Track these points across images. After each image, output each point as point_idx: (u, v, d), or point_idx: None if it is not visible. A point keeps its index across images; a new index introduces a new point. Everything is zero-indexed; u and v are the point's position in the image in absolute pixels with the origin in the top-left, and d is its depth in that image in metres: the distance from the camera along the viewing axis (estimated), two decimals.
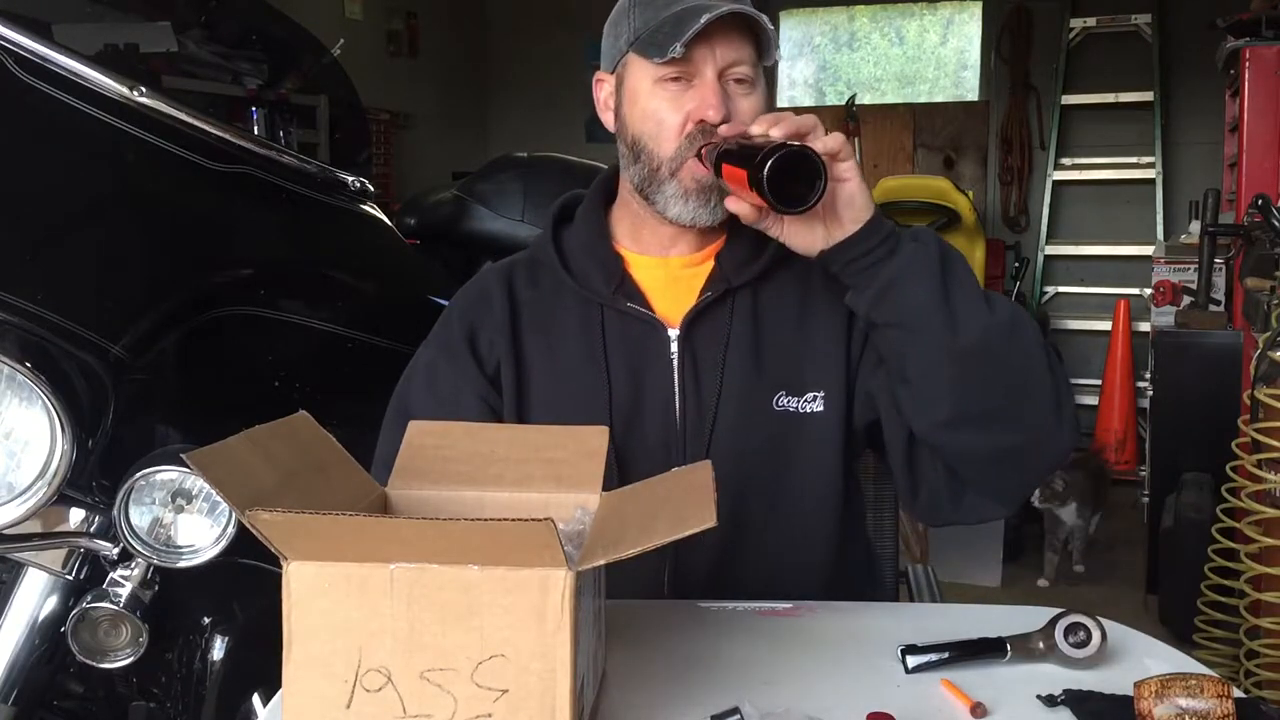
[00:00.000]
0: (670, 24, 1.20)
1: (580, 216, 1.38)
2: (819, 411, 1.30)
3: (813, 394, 1.30)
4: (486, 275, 1.39)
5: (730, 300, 1.31)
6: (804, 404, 1.30)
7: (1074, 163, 6.04)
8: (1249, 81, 3.38)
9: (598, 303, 1.31)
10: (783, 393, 1.30)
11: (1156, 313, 3.95)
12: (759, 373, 1.30)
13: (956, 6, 6.56)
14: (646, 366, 1.30)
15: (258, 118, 2.51)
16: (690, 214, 1.26)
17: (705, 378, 1.30)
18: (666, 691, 0.95)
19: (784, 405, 1.30)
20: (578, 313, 1.32)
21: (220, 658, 1.56)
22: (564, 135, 6.61)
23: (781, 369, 1.31)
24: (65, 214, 1.67)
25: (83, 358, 1.49)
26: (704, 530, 0.78)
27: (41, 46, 1.71)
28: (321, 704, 0.78)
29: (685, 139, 1.23)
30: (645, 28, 1.23)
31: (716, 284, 1.31)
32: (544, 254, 1.35)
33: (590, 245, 1.34)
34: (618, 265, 1.33)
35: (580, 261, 1.34)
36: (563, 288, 1.33)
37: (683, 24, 1.18)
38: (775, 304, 1.33)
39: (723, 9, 1.18)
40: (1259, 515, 2.48)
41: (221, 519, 1.46)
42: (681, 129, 1.23)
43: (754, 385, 1.30)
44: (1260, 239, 2.90)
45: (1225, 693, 0.85)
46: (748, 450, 1.27)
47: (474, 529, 0.76)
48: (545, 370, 1.31)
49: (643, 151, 1.26)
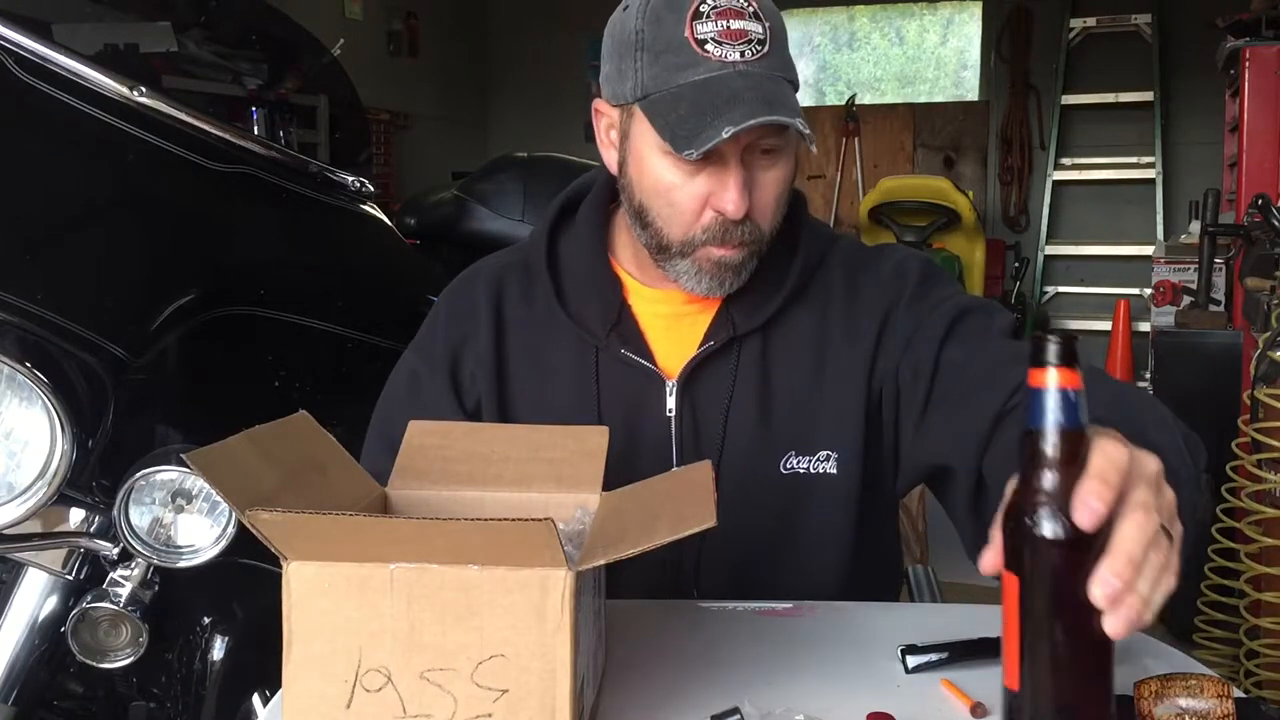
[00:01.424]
0: (689, 105, 1.06)
1: (581, 226, 1.26)
2: (831, 474, 1.19)
3: (825, 453, 1.19)
4: (476, 282, 1.29)
5: (737, 348, 1.20)
6: (815, 464, 1.19)
7: (1074, 163, 6.05)
8: (1249, 81, 3.38)
9: (593, 344, 1.21)
10: (792, 453, 1.19)
11: (1156, 313, 3.95)
12: (766, 430, 1.19)
13: (956, 6, 6.56)
14: (642, 420, 1.20)
15: (258, 118, 2.51)
16: (705, 288, 1.15)
17: (706, 436, 1.19)
18: (666, 691, 0.95)
19: (792, 466, 1.19)
20: (571, 350, 1.22)
21: (220, 658, 1.56)
22: (564, 135, 6.63)
23: (791, 426, 1.19)
24: (65, 214, 1.67)
25: (83, 358, 1.49)
26: (705, 531, 0.78)
27: (41, 46, 1.72)
28: (321, 704, 0.78)
29: (701, 229, 1.11)
30: (656, 87, 1.08)
31: (720, 331, 1.19)
32: (538, 271, 1.25)
33: (589, 268, 1.23)
34: (617, 295, 1.22)
35: (577, 290, 1.23)
36: (555, 317, 1.23)
37: (703, 112, 1.04)
38: (787, 351, 1.21)
39: (751, 122, 1.03)
40: (1259, 515, 2.48)
41: (221, 519, 1.46)
42: (698, 214, 1.11)
43: (760, 445, 1.19)
44: (1260, 239, 2.90)
45: (1225, 693, 0.85)
46: (749, 519, 1.17)
47: (474, 529, 0.76)
48: (534, 409, 1.22)
49: (649, 220, 1.14)
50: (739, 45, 1.07)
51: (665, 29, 1.08)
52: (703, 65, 1.07)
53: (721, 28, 1.07)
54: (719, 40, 1.07)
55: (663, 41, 1.08)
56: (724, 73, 1.06)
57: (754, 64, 1.07)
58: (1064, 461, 0.76)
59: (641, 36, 1.09)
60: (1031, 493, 0.77)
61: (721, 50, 1.06)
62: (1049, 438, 0.76)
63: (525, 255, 1.29)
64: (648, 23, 1.09)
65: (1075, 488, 0.74)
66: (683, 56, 1.07)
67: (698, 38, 1.07)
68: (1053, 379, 0.76)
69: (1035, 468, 0.77)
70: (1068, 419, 0.76)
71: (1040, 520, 0.76)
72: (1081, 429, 0.76)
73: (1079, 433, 0.76)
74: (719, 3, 1.07)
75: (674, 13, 1.08)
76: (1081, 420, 0.76)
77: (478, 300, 1.26)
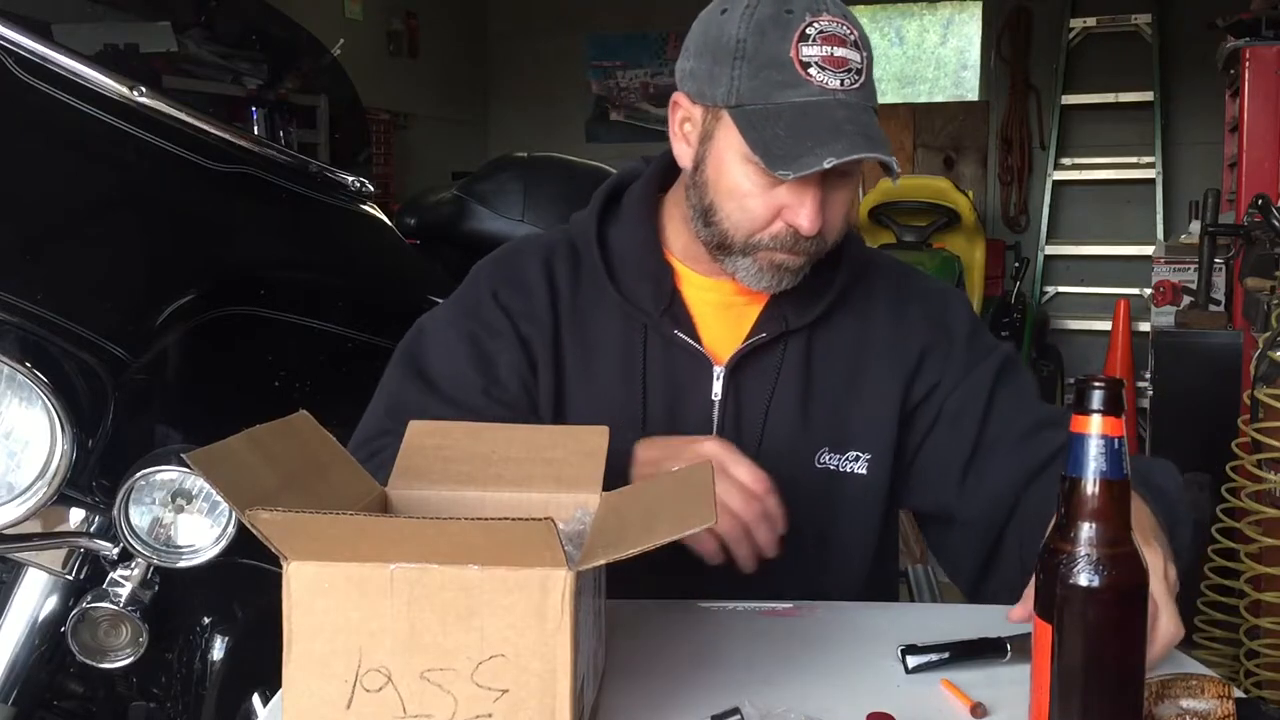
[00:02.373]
0: (786, 126, 1.08)
1: (629, 212, 1.28)
2: (860, 474, 1.24)
3: (855, 454, 1.24)
4: (523, 258, 1.29)
5: (784, 343, 1.24)
6: (845, 463, 1.24)
7: (1074, 163, 6.04)
8: (1249, 81, 3.38)
9: (642, 321, 1.24)
10: (826, 449, 1.24)
11: (1156, 313, 3.95)
12: (804, 426, 1.24)
13: (956, 6, 6.56)
14: (686, 401, 1.23)
15: (258, 118, 2.51)
16: (763, 285, 1.19)
17: (747, 422, 1.23)
18: (666, 691, 0.95)
19: (825, 463, 1.24)
20: (620, 327, 1.24)
21: (220, 658, 1.56)
22: (564, 135, 6.63)
23: (827, 423, 1.24)
24: (65, 214, 1.67)
25: (83, 358, 1.49)
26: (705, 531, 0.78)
27: (41, 46, 1.72)
28: (321, 704, 0.78)
29: (769, 236, 1.15)
30: (753, 99, 1.11)
31: (772, 323, 1.23)
32: (587, 250, 1.26)
33: (640, 254, 1.25)
34: (668, 280, 1.24)
35: (628, 271, 1.25)
36: (605, 295, 1.25)
37: (802, 136, 1.07)
38: (829, 353, 1.25)
39: (853, 156, 1.06)
40: (1259, 515, 2.48)
41: (221, 519, 1.46)
42: (768, 221, 1.14)
43: (797, 438, 1.23)
44: (1260, 239, 2.90)
45: (1225, 693, 0.85)
46: (785, 505, 1.18)
47: (474, 529, 0.76)
48: (581, 384, 1.24)
49: (716, 220, 1.17)
50: (840, 73, 1.10)
51: (769, 44, 1.10)
52: (804, 88, 1.09)
53: (826, 53, 1.09)
54: (822, 66, 1.09)
55: (765, 56, 1.10)
56: (824, 99, 1.09)
57: (852, 93, 1.10)
58: (1104, 511, 0.76)
59: (743, 46, 1.11)
60: (1070, 543, 0.76)
61: (824, 76, 1.09)
62: (1090, 487, 0.76)
63: (569, 237, 1.30)
64: (751, 34, 1.10)
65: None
66: (785, 75, 1.09)
67: (802, 59, 1.09)
68: (1096, 426, 0.75)
69: (1075, 517, 0.76)
70: (1110, 468, 0.75)
71: (1078, 571, 0.76)
72: (1124, 478, 0.76)
73: (1121, 482, 0.76)
74: (825, 28, 1.10)
75: (780, 29, 1.10)
76: (1124, 469, 0.76)
77: (529, 271, 1.27)
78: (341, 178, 2.11)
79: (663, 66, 6.78)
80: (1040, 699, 0.78)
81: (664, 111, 1.25)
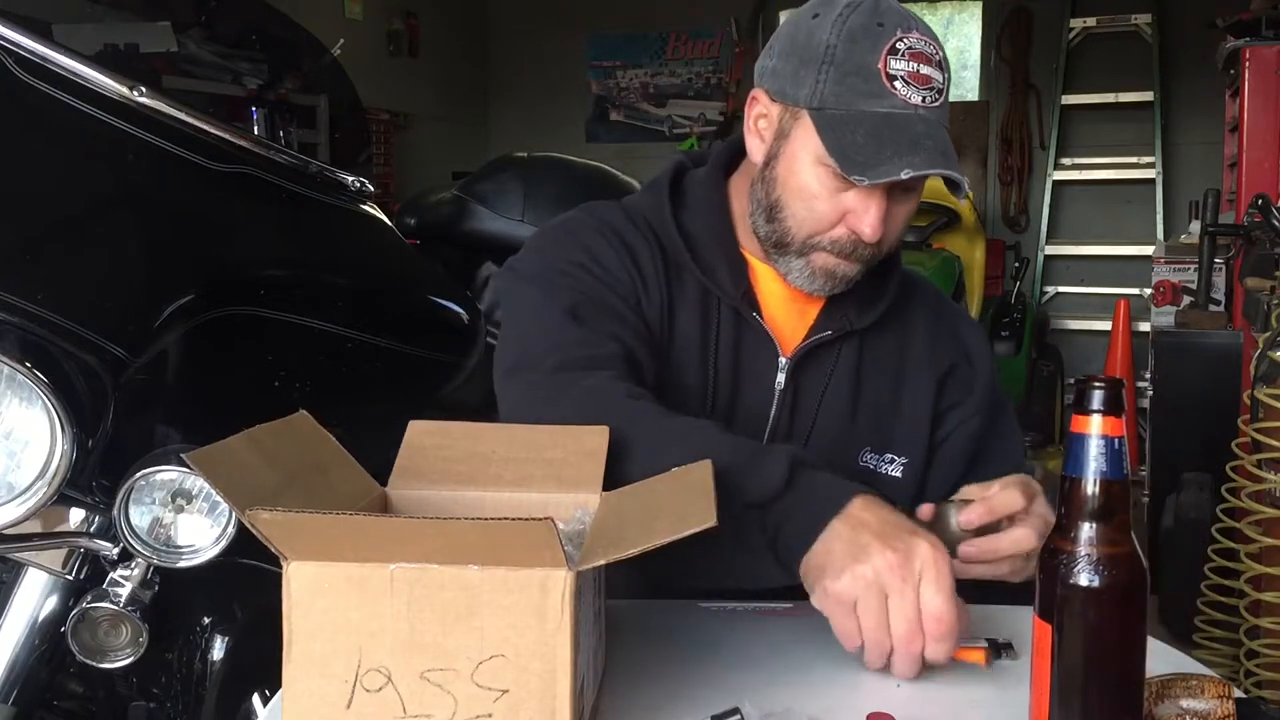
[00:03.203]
0: (866, 134, 1.11)
1: (700, 201, 1.29)
2: (896, 477, 1.28)
3: (892, 457, 1.29)
4: (614, 216, 1.27)
5: (841, 342, 1.28)
6: (884, 465, 1.28)
7: (1074, 163, 6.04)
8: (1249, 81, 3.38)
9: (716, 299, 1.26)
10: (869, 449, 1.29)
11: (1156, 313, 3.95)
12: (851, 423, 1.28)
13: (956, 6, 6.56)
14: (751, 383, 1.26)
15: (258, 118, 2.51)
16: (813, 287, 1.22)
17: (801, 415, 1.27)
18: (666, 691, 0.95)
19: (866, 462, 1.28)
20: (696, 302, 1.26)
21: (220, 658, 1.56)
22: (564, 135, 6.63)
23: (872, 426, 1.29)
24: (65, 214, 1.67)
25: (83, 358, 1.49)
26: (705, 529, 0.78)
27: (41, 46, 1.71)
28: (321, 704, 0.78)
29: (829, 239, 1.18)
30: (836, 104, 1.14)
31: (838, 320, 1.27)
32: (664, 230, 1.26)
33: (715, 238, 1.27)
34: (743, 266, 1.27)
35: (705, 251, 1.26)
36: (685, 272, 1.26)
37: (881, 145, 1.10)
38: (877, 355, 1.30)
39: (930, 170, 1.10)
40: (1259, 515, 2.48)
41: (221, 519, 1.46)
42: (832, 224, 1.17)
43: (845, 435, 1.28)
44: (1260, 239, 2.90)
45: (1226, 693, 0.85)
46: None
47: (474, 529, 0.76)
48: (659, 355, 1.24)
49: (780, 217, 1.20)
50: (923, 90, 1.13)
51: (859, 53, 1.13)
52: (888, 99, 1.13)
53: (912, 69, 1.13)
54: (908, 80, 1.13)
55: (854, 64, 1.13)
56: (907, 113, 1.13)
57: (931, 110, 1.14)
58: (1104, 511, 0.76)
59: (832, 51, 1.14)
60: (1070, 543, 0.76)
61: (908, 91, 1.13)
62: (1090, 487, 0.76)
63: (641, 211, 1.29)
64: (842, 41, 1.14)
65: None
66: (871, 85, 1.13)
67: (890, 72, 1.12)
68: (1096, 426, 0.75)
69: (1075, 517, 0.76)
70: (1110, 468, 0.75)
71: (1078, 571, 0.76)
72: (1124, 478, 0.76)
73: (1121, 482, 0.76)
74: (914, 45, 1.13)
75: (870, 40, 1.13)
76: (1124, 470, 0.76)
77: (625, 231, 1.26)
78: (341, 178, 2.11)
79: (662, 66, 6.78)
80: (1040, 699, 0.78)
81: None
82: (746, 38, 6.53)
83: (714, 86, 6.70)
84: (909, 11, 1.17)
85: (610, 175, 2.58)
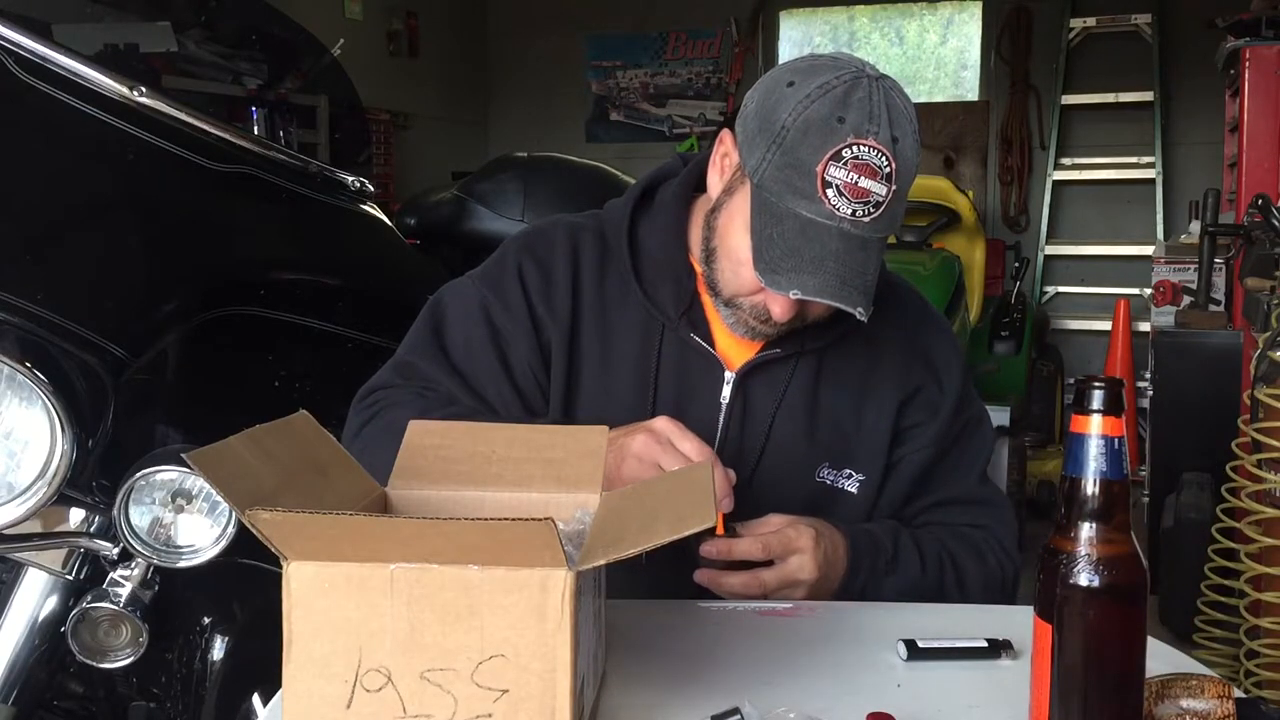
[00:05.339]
0: (784, 233, 1.11)
1: (662, 210, 1.30)
2: (851, 493, 1.28)
3: (850, 473, 1.28)
4: (555, 235, 1.31)
5: (795, 361, 1.27)
6: (841, 480, 1.28)
7: (1074, 163, 6.04)
8: (1249, 81, 3.38)
9: (660, 322, 1.27)
10: (826, 464, 1.28)
11: (1156, 313, 3.95)
12: (808, 441, 1.27)
13: (956, 6, 6.56)
14: (694, 402, 1.26)
15: (258, 118, 2.51)
16: (740, 333, 1.24)
17: (751, 430, 1.27)
18: (666, 691, 0.95)
19: (823, 478, 1.28)
20: (639, 327, 1.28)
21: (220, 658, 1.56)
22: (564, 135, 6.63)
23: (830, 442, 1.28)
24: (65, 214, 1.67)
25: (83, 358, 1.49)
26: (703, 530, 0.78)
27: (41, 46, 1.71)
28: (321, 704, 0.78)
29: (750, 305, 1.19)
30: (771, 188, 1.11)
31: (787, 341, 1.26)
32: (617, 243, 1.29)
33: (667, 254, 1.28)
34: (690, 283, 1.27)
35: (653, 270, 1.28)
36: (628, 290, 1.28)
37: (790, 252, 1.10)
38: (838, 372, 1.29)
39: (816, 298, 1.11)
40: (1259, 515, 2.48)
41: (221, 519, 1.46)
42: (752, 292, 1.18)
43: (801, 451, 1.27)
44: (1260, 239, 2.90)
45: (1226, 693, 0.85)
46: (781, 511, 1.22)
47: (474, 529, 0.76)
48: (595, 374, 1.27)
49: (714, 266, 1.21)
50: (856, 203, 1.09)
51: (805, 149, 1.09)
52: (815, 205, 1.09)
53: (850, 180, 1.09)
54: (841, 191, 1.09)
55: (796, 157, 1.10)
56: (828, 224, 1.10)
57: (860, 224, 1.10)
58: (1104, 511, 0.75)
59: (784, 134, 1.10)
60: (1070, 543, 0.76)
61: (839, 201, 1.09)
62: (1090, 487, 0.76)
63: (601, 225, 1.32)
64: (796, 127, 1.10)
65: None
66: (805, 185, 1.10)
67: (826, 178, 1.09)
68: (1096, 426, 0.75)
69: (1075, 517, 0.76)
70: (1110, 468, 0.75)
71: (1078, 571, 0.75)
72: (1124, 478, 0.76)
73: (1121, 482, 0.76)
74: (861, 154, 1.08)
75: (820, 137, 1.09)
76: (1124, 469, 0.76)
77: (556, 254, 1.30)
78: (341, 178, 2.11)
79: (662, 66, 6.78)
80: (1040, 699, 0.78)
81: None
82: (746, 38, 6.53)
83: (714, 87, 6.69)
84: (883, 105, 1.10)
85: (610, 175, 2.58)
